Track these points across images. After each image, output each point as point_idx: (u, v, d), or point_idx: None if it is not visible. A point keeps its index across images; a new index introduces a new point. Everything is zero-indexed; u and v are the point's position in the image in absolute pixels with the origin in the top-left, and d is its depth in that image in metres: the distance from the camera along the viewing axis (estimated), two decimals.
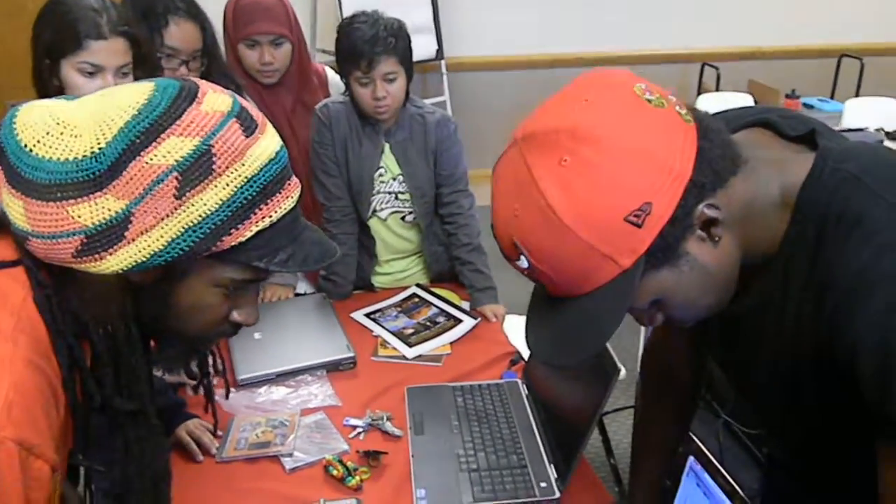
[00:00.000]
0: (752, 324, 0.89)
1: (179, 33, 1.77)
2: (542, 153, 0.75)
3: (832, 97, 4.97)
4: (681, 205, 0.74)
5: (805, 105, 4.33)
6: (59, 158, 0.72)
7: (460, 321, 1.95)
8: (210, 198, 0.75)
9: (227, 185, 0.76)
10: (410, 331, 1.92)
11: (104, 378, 0.81)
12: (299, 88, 2.12)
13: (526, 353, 1.80)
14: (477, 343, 1.90)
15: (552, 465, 1.41)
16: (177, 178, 0.73)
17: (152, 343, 0.89)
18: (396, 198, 2.07)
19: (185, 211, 0.75)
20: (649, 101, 0.75)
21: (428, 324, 1.95)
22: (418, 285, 2.15)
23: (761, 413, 1.11)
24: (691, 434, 1.13)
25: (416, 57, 1.97)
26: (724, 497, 1.00)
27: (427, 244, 2.15)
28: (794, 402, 0.91)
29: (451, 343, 1.89)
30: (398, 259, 2.18)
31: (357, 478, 1.37)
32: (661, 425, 1.27)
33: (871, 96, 4.29)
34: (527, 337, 0.89)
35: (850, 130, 3.60)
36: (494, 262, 2.07)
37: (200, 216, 0.75)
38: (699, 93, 4.86)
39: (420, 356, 1.83)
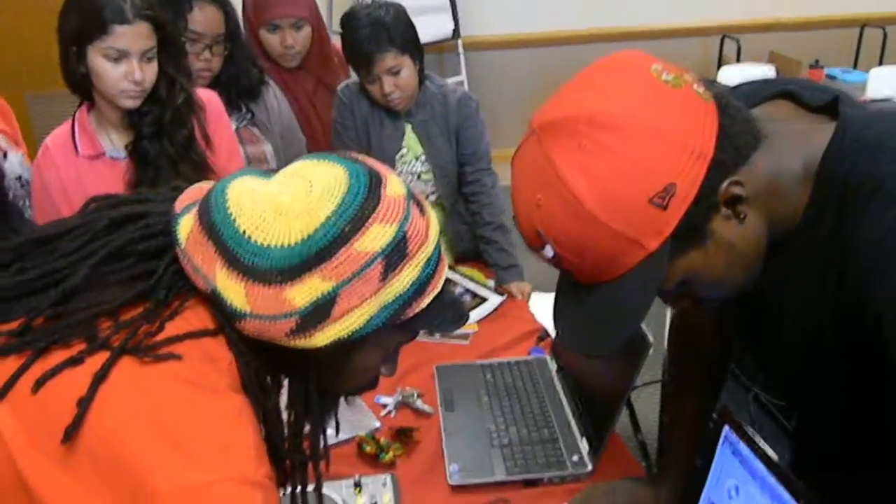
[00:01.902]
0: (775, 298, 0.88)
1: (203, 17, 1.78)
2: (560, 141, 0.75)
3: (855, 67, 4.88)
4: (705, 184, 0.74)
5: (828, 76, 4.27)
6: (276, 245, 0.75)
7: (486, 299, 1.96)
8: (404, 278, 0.80)
9: (417, 265, 0.81)
10: None
11: (279, 436, 0.86)
12: (320, 70, 2.12)
13: (553, 330, 1.80)
14: (504, 320, 1.91)
15: (584, 439, 1.42)
16: (382, 263, 0.78)
17: None
18: (419, 178, 2.07)
19: (385, 291, 0.79)
20: (666, 82, 0.75)
21: (468, 313, 1.94)
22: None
23: (785, 386, 1.11)
24: (726, 406, 1.13)
25: (432, 37, 1.98)
26: (761, 465, 1.00)
27: (450, 224, 2.16)
28: (819, 375, 0.91)
29: (478, 321, 1.90)
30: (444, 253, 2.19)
31: (390, 454, 1.39)
32: (690, 398, 1.28)
33: (894, 65, 4.21)
34: (556, 328, 0.90)
35: (874, 101, 3.54)
36: (519, 240, 2.07)
37: (395, 294, 0.80)
38: (720, 65, 4.80)
39: (447, 334, 1.84)
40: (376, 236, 0.77)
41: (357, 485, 1.30)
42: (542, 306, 1.98)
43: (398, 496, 1.29)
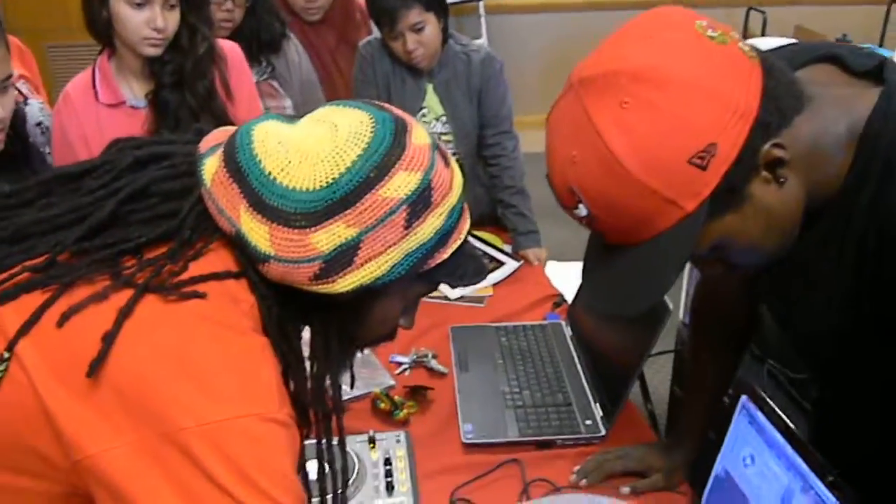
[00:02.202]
0: (809, 266, 0.87)
1: None
2: (601, 97, 0.73)
3: (881, 45, 4.79)
4: (746, 145, 0.72)
5: None
6: (302, 188, 0.75)
7: (503, 263, 1.95)
8: (428, 226, 0.79)
9: (441, 214, 0.80)
10: None
11: (302, 385, 0.86)
12: (343, 25, 2.10)
13: (569, 296, 1.80)
14: (519, 285, 1.91)
15: (597, 404, 1.42)
16: (406, 210, 0.77)
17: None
18: (439, 139, 2.05)
19: (408, 239, 0.79)
20: (711, 37, 0.73)
21: (488, 267, 1.94)
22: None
23: (810, 356, 1.10)
24: (744, 376, 1.13)
25: None
26: (779, 435, 1.00)
27: (469, 186, 2.13)
28: (852, 344, 0.89)
29: (494, 284, 1.89)
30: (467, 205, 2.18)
31: (405, 412, 1.40)
32: (708, 369, 1.27)
33: None
34: (583, 287, 0.89)
35: None
36: (537, 207, 2.06)
37: (418, 243, 0.79)
38: (744, 38, 4.72)
39: (462, 297, 1.84)
40: (401, 183, 0.77)
41: (371, 440, 1.31)
42: (558, 273, 1.97)
43: (411, 453, 1.30)
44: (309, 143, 0.77)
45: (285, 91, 2.00)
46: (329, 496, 0.88)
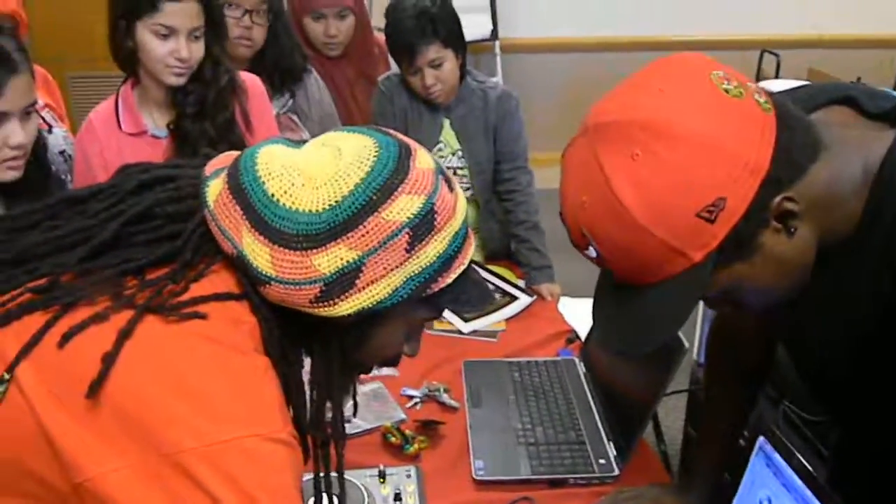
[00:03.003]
0: (824, 307, 0.87)
1: None
2: (613, 147, 0.74)
3: (895, 88, 4.81)
4: (756, 200, 0.73)
5: None
6: (305, 210, 0.76)
7: (516, 298, 1.94)
8: (431, 250, 0.80)
9: (444, 238, 0.81)
10: None
11: (301, 410, 0.86)
12: (362, 61, 2.14)
13: (583, 332, 1.79)
14: (532, 320, 1.90)
15: (611, 443, 1.40)
16: (408, 234, 0.78)
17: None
18: (455, 173, 2.07)
19: (410, 263, 0.79)
20: (727, 91, 0.74)
21: (493, 295, 1.93)
22: (474, 262, 2.14)
23: (827, 399, 1.09)
24: (761, 417, 1.11)
25: (469, 37, 1.98)
26: (797, 478, 0.98)
27: (483, 221, 2.15)
28: (866, 387, 0.88)
29: (507, 319, 1.89)
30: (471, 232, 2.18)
31: (415, 446, 1.38)
32: (725, 406, 1.25)
33: None
34: (593, 324, 0.89)
35: None
36: (551, 241, 2.06)
37: (421, 267, 0.80)
38: (758, 80, 4.75)
39: (475, 331, 1.83)
40: (404, 207, 0.77)
41: (381, 474, 1.30)
42: (571, 309, 1.96)
43: (422, 488, 1.29)
44: (313, 166, 0.78)
45: (304, 124, 2.02)
46: None
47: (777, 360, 1.22)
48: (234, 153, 0.85)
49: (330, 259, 0.76)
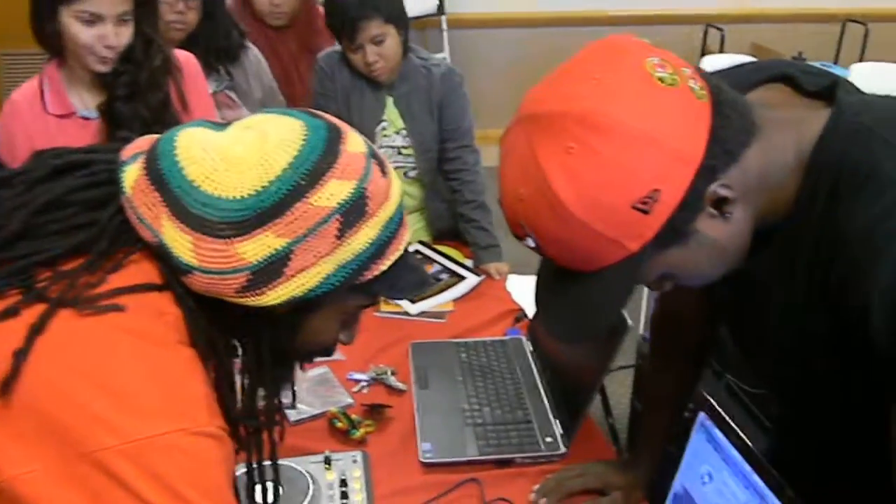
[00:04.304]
0: (762, 284, 0.87)
1: None
2: (548, 139, 0.74)
3: (836, 63, 4.91)
4: (691, 189, 0.73)
5: None
6: (228, 196, 0.73)
7: (464, 278, 1.94)
8: (362, 237, 0.78)
9: (377, 224, 0.79)
10: None
11: (232, 400, 0.84)
12: (306, 32, 2.09)
13: (530, 311, 1.79)
14: (480, 300, 1.89)
15: (557, 421, 1.41)
16: (339, 220, 0.76)
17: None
18: (399, 153, 2.04)
19: (341, 250, 0.77)
20: (661, 79, 0.73)
21: (431, 280, 1.93)
22: (421, 242, 2.13)
23: (766, 373, 1.10)
24: (702, 392, 1.13)
25: (415, 12, 1.95)
26: (736, 453, 1.00)
27: (429, 201, 2.13)
28: (803, 364, 0.90)
29: (455, 300, 1.88)
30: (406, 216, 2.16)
31: (362, 430, 1.37)
32: (669, 383, 1.27)
33: (875, 62, 4.24)
34: (536, 311, 0.89)
35: None
36: (499, 220, 2.05)
37: (353, 254, 0.78)
38: (702, 55, 4.80)
39: (423, 312, 1.82)
40: (333, 192, 0.75)
41: (327, 461, 1.28)
42: (519, 287, 1.96)
43: (368, 473, 1.28)
44: (236, 150, 0.75)
45: (244, 102, 1.97)
46: None
47: (720, 335, 1.23)
48: (153, 136, 0.81)
49: (256, 247, 0.73)
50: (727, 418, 1.04)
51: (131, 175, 0.77)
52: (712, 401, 1.08)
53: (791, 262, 0.82)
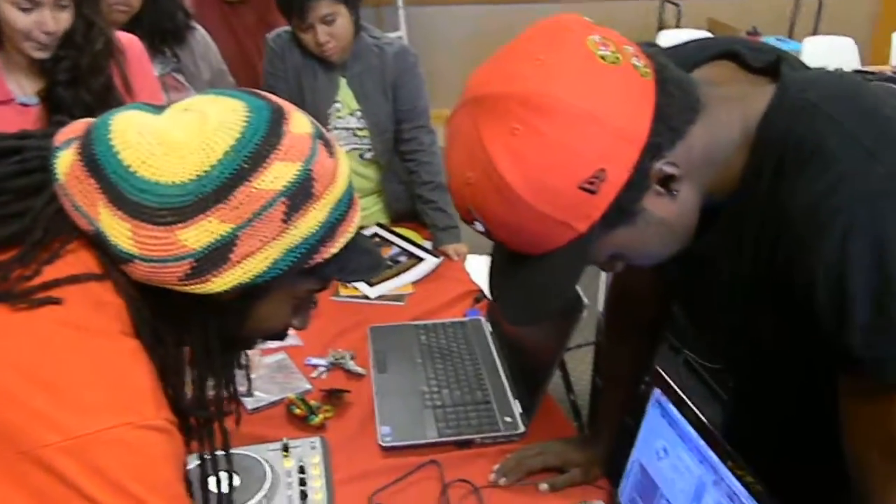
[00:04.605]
0: (711, 261, 0.88)
1: None
2: (493, 121, 0.73)
3: (790, 36, 4.97)
4: (636, 168, 0.73)
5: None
6: (167, 181, 0.70)
7: (422, 260, 1.92)
8: (310, 220, 0.76)
9: (324, 206, 0.77)
10: None
11: (180, 391, 0.82)
12: (262, 7, 2.04)
13: (489, 291, 1.78)
14: (439, 282, 1.89)
15: (517, 401, 1.41)
16: (285, 203, 0.74)
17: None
18: (354, 134, 2.01)
19: (288, 234, 0.75)
20: (604, 57, 0.73)
21: (389, 263, 1.92)
22: (379, 224, 2.11)
23: (719, 349, 1.11)
24: (657, 368, 1.14)
25: None
26: (690, 428, 1.01)
27: (387, 182, 2.11)
28: (753, 339, 0.91)
29: (414, 282, 1.87)
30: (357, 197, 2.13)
31: (320, 416, 1.36)
32: (625, 359, 1.28)
33: (829, 35, 4.30)
34: (490, 294, 0.89)
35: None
36: None
37: (301, 238, 0.76)
38: (659, 30, 4.82)
39: (382, 296, 1.81)
40: (278, 174, 0.73)
41: (285, 448, 1.27)
42: (478, 267, 1.96)
43: (327, 459, 1.27)
44: (175, 134, 0.72)
45: (192, 84, 1.92)
46: None
47: (676, 311, 1.24)
48: (87, 121, 0.78)
49: (199, 233, 0.71)
50: (681, 394, 1.05)
51: (65, 161, 0.74)
52: (666, 377, 1.09)
53: (738, 239, 0.82)
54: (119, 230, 0.71)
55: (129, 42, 1.66)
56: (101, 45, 1.55)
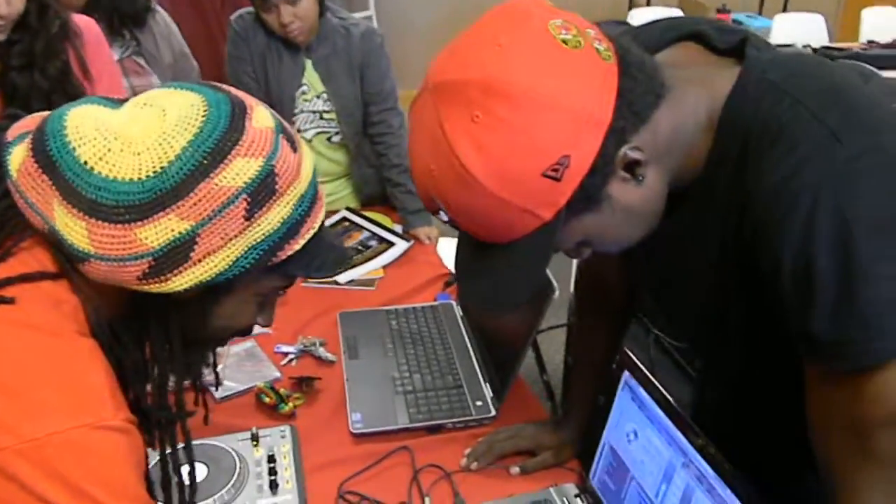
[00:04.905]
0: (677, 244, 0.87)
1: None
2: (454, 109, 0.71)
3: (760, 13, 4.99)
4: (601, 153, 0.72)
5: (734, 21, 4.35)
6: (125, 178, 0.68)
7: (393, 244, 1.91)
8: (273, 216, 0.75)
9: (288, 203, 0.76)
10: None
11: (141, 391, 0.80)
12: None
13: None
14: (410, 266, 1.87)
15: (488, 385, 1.40)
16: (246, 200, 0.72)
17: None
18: (321, 117, 1.98)
19: (250, 231, 0.74)
20: (565, 41, 0.71)
21: (360, 248, 1.90)
22: (348, 209, 2.09)
23: (685, 330, 1.11)
24: (626, 350, 1.13)
25: None
26: (658, 410, 1.01)
27: (356, 166, 2.08)
28: (720, 321, 0.90)
29: (384, 267, 1.85)
30: (326, 182, 2.10)
31: (290, 404, 1.34)
32: (596, 342, 1.27)
33: (798, 12, 4.32)
34: (457, 283, 0.87)
35: (778, 46, 3.63)
36: None
37: (263, 235, 0.75)
38: (630, 8, 4.81)
39: (352, 280, 1.79)
40: (239, 171, 0.71)
41: (254, 437, 1.25)
42: (450, 251, 1.94)
43: (297, 447, 1.25)
44: (132, 129, 0.70)
45: (153, 67, 1.87)
46: None
47: (644, 293, 1.24)
48: (41, 114, 0.76)
49: (158, 231, 0.69)
50: (650, 376, 1.05)
51: (17, 157, 0.72)
52: (636, 359, 1.09)
53: (703, 222, 0.82)
54: (75, 229, 0.69)
55: (86, 25, 1.61)
56: (56, 29, 1.50)
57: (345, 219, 2.03)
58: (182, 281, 0.72)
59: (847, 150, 0.71)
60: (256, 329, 1.55)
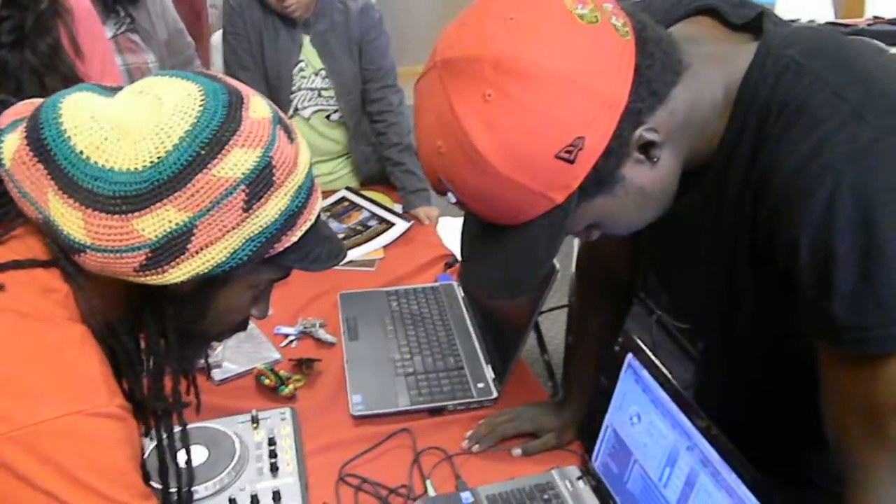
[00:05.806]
0: (689, 225, 0.85)
1: None
2: (464, 86, 0.68)
3: None
4: (616, 135, 0.69)
5: None
6: (121, 168, 0.67)
7: (393, 224, 1.89)
8: (271, 208, 0.74)
9: (286, 194, 0.75)
10: (341, 236, 1.85)
11: (135, 381, 0.79)
12: None
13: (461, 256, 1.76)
14: (410, 246, 1.86)
15: (489, 366, 1.39)
16: (244, 191, 0.71)
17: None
18: (319, 94, 1.95)
19: (248, 223, 0.73)
20: (581, 16, 0.68)
21: (359, 228, 1.88)
22: (348, 188, 2.06)
23: (691, 311, 1.10)
24: (629, 332, 1.12)
25: None
26: (662, 393, 0.99)
27: (355, 144, 2.06)
28: (728, 305, 0.89)
29: (384, 247, 1.84)
30: (325, 161, 2.08)
31: (291, 386, 1.33)
32: (597, 323, 1.26)
33: None
34: (462, 268, 0.85)
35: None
36: None
37: (262, 226, 0.74)
38: None
39: (352, 261, 1.77)
40: (237, 162, 0.70)
41: (254, 419, 1.24)
42: (450, 231, 1.93)
43: (298, 430, 1.24)
44: (129, 118, 0.69)
45: (148, 45, 1.84)
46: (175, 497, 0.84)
47: (648, 273, 1.22)
48: (35, 101, 0.74)
49: (155, 222, 0.68)
50: (654, 359, 1.04)
51: (10, 145, 0.70)
52: (639, 341, 1.08)
53: (719, 201, 0.80)
54: (70, 219, 0.68)
55: (77, 1, 1.58)
56: (46, 4, 1.47)
57: (344, 198, 2.01)
58: (179, 273, 0.71)
59: (870, 127, 0.68)
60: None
